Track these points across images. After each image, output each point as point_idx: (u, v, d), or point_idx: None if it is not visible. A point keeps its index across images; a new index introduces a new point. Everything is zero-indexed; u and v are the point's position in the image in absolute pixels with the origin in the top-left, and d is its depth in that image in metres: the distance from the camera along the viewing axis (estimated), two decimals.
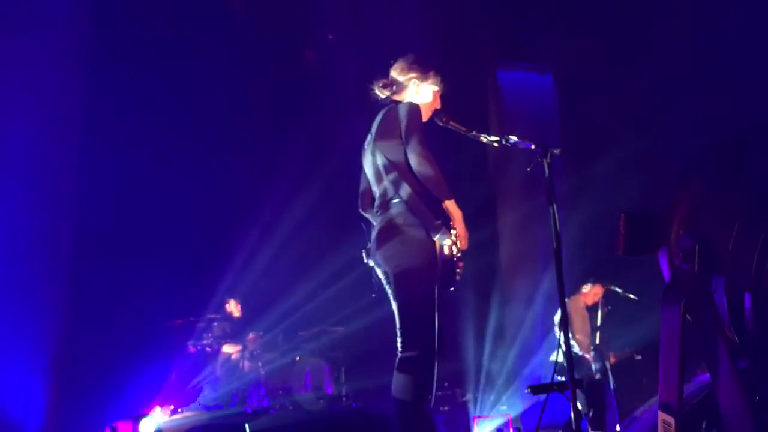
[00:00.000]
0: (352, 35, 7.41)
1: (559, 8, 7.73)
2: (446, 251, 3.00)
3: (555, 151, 3.13)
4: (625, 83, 7.24)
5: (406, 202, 2.98)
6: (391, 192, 3.05)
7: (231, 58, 6.95)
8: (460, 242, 3.06)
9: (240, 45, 7.03)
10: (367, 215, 3.30)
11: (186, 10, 6.78)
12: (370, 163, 3.19)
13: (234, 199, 7.27)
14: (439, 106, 3.28)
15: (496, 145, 3.26)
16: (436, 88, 3.27)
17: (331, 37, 7.64)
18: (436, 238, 2.95)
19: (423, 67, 3.26)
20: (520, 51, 8.28)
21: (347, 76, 6.79)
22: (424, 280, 2.94)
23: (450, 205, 3.02)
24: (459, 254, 3.11)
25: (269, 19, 7.25)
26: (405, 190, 2.99)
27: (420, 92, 3.24)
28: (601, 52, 7.59)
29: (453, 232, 3.03)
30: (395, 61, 3.31)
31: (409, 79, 3.24)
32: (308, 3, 7.30)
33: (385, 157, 3.07)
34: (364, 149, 3.28)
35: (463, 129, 3.23)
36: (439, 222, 2.94)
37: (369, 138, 3.24)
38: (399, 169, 3.01)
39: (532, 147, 3.13)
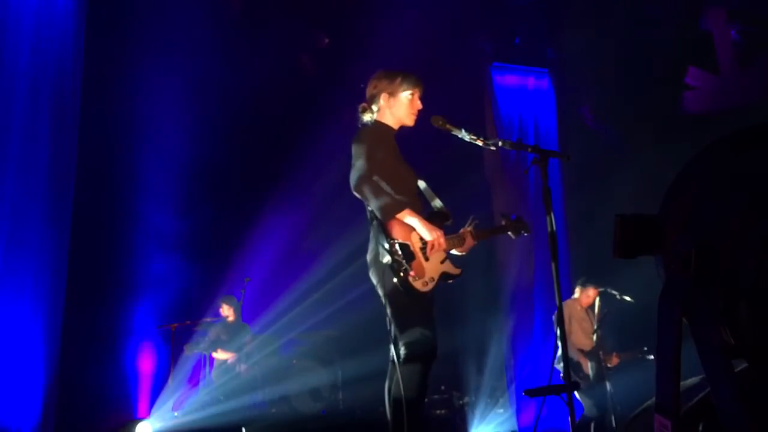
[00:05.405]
0: (347, 39, 7.40)
1: (558, 9, 7.73)
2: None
3: (565, 158, 3.20)
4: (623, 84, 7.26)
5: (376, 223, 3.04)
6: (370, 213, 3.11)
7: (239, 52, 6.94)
8: (434, 247, 3.06)
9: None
10: None
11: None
12: None
13: (231, 202, 7.26)
14: (419, 107, 3.27)
15: (493, 148, 3.26)
16: (410, 92, 3.25)
17: (327, 41, 7.64)
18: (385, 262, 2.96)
19: (389, 76, 3.25)
20: (516, 53, 8.27)
21: (344, 79, 6.78)
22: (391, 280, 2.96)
23: (404, 218, 3.02)
24: (446, 255, 3.14)
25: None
26: (371, 213, 3.06)
27: (393, 102, 3.24)
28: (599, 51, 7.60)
29: (420, 244, 3.04)
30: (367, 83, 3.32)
31: (379, 93, 3.25)
32: (304, 6, 7.29)
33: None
34: None
35: (459, 132, 3.24)
36: (387, 248, 2.93)
37: None
38: None
39: (529, 151, 3.14)
